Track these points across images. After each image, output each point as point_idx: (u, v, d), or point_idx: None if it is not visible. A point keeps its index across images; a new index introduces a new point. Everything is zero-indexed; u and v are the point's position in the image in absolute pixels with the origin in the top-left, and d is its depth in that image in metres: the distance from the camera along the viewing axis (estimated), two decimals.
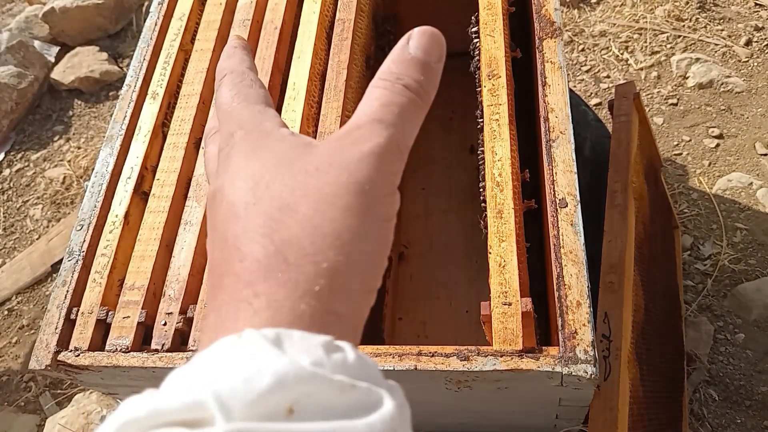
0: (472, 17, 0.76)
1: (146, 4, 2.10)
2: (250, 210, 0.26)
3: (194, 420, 0.20)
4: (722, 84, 1.52)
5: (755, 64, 1.55)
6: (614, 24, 1.69)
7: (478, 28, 0.74)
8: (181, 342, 0.65)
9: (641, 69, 1.59)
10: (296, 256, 0.25)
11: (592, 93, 1.59)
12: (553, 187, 0.62)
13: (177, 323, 0.65)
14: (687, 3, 1.67)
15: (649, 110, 1.52)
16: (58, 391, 1.37)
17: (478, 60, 0.72)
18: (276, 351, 0.21)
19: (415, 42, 0.29)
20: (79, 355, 0.65)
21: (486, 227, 0.61)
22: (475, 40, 0.73)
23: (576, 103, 1.13)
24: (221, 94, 0.32)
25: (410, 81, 0.28)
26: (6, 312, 1.55)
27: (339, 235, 0.25)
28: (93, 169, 0.78)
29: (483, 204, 0.64)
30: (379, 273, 0.27)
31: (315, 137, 0.72)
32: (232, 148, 0.29)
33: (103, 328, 0.67)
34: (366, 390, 0.21)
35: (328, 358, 0.21)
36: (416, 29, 0.29)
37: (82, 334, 0.66)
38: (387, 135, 0.27)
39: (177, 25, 0.87)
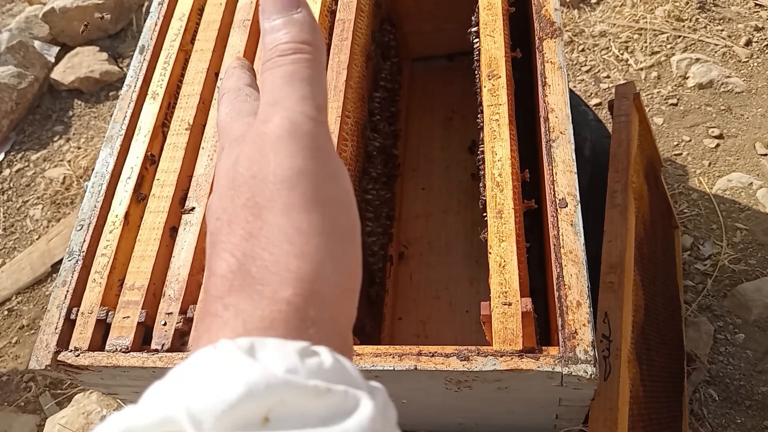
0: (472, 17, 0.76)
1: (146, 4, 2.10)
2: (216, 225, 0.27)
3: None
4: (722, 84, 1.52)
5: (755, 64, 1.55)
6: (614, 24, 1.69)
7: (478, 29, 0.74)
8: (180, 342, 0.65)
9: (641, 69, 1.59)
10: (257, 267, 0.24)
11: (592, 93, 1.59)
12: (553, 187, 0.62)
13: (177, 323, 0.65)
14: (687, 3, 1.67)
15: (649, 110, 1.51)
16: (58, 391, 1.37)
17: (478, 60, 0.72)
18: (248, 360, 0.21)
19: (267, 10, 0.28)
20: (79, 355, 0.65)
21: (486, 240, 0.61)
22: (475, 41, 0.73)
23: (576, 103, 1.13)
24: (219, 113, 0.33)
25: (282, 46, 0.27)
26: (6, 312, 1.55)
27: (291, 240, 0.24)
28: (93, 169, 0.78)
29: (483, 204, 0.64)
30: (352, 268, 0.26)
31: None
32: (220, 161, 0.30)
33: (103, 328, 0.67)
34: (343, 393, 0.21)
35: (302, 363, 0.21)
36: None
37: (82, 334, 0.66)
38: (283, 114, 0.26)
39: (177, 26, 0.87)
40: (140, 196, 0.75)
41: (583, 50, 1.67)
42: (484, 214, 0.63)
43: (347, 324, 0.26)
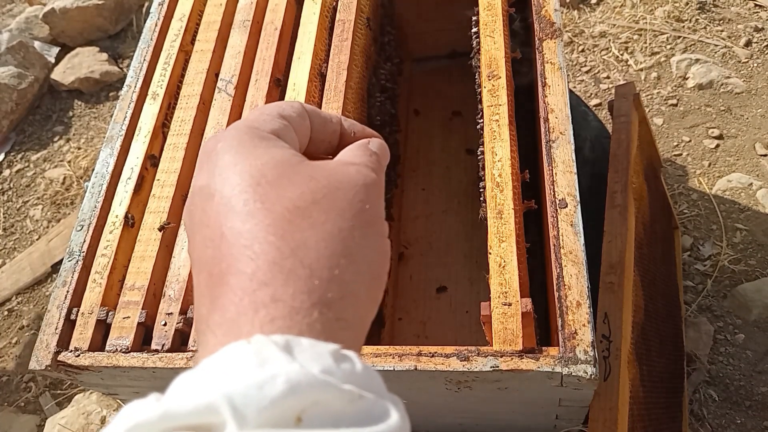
0: (472, 18, 0.76)
1: (146, 4, 2.10)
2: (253, 206, 0.26)
3: (205, 425, 0.19)
4: (722, 85, 1.52)
5: (755, 64, 1.55)
6: (614, 25, 1.69)
7: (478, 29, 0.74)
8: (181, 342, 0.65)
9: (641, 70, 1.59)
10: (311, 260, 0.25)
11: (592, 94, 1.59)
12: (553, 188, 0.62)
13: (177, 323, 0.65)
14: (687, 4, 1.68)
15: (648, 111, 1.52)
16: (58, 392, 1.37)
17: (478, 61, 0.72)
18: (287, 358, 0.21)
19: (374, 145, 0.34)
20: (79, 355, 0.65)
21: (485, 218, 0.61)
22: (475, 41, 0.73)
23: (576, 103, 1.13)
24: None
25: (377, 159, 0.32)
26: (6, 312, 1.55)
27: (348, 244, 0.26)
28: (93, 169, 0.78)
29: (483, 204, 0.64)
30: (382, 284, 0.28)
31: None
32: (219, 142, 0.29)
33: (103, 329, 0.67)
34: (372, 401, 0.21)
35: (337, 366, 0.21)
36: (374, 139, 0.35)
37: (82, 335, 0.66)
38: (376, 177, 0.30)
39: (177, 26, 0.88)
40: (130, 221, 0.73)
41: (582, 51, 1.67)
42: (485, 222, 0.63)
43: (365, 333, 0.27)
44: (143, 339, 0.66)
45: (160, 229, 0.71)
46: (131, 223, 0.72)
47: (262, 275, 0.24)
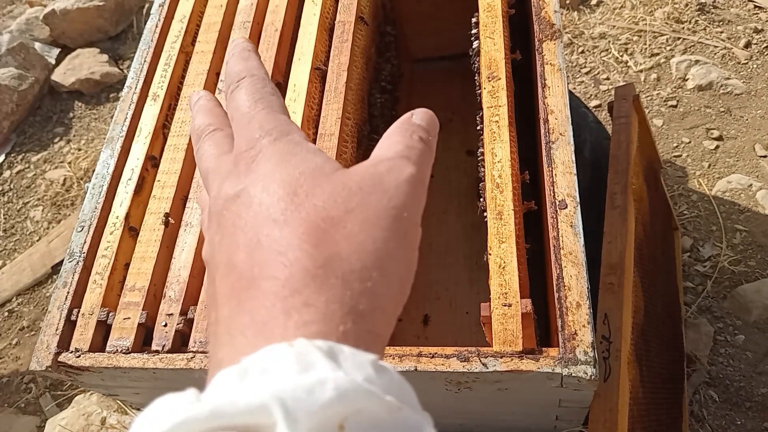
0: (472, 19, 0.76)
1: (147, 6, 2.11)
2: (290, 216, 0.26)
3: (254, 425, 0.19)
4: (722, 86, 1.52)
5: (754, 66, 1.55)
6: (614, 26, 1.69)
7: (478, 30, 0.74)
8: (181, 343, 0.65)
9: (641, 71, 1.60)
10: (344, 271, 0.25)
11: (591, 95, 1.60)
12: (553, 189, 0.62)
13: (177, 324, 0.65)
14: (686, 5, 1.68)
15: (648, 112, 1.52)
16: (59, 393, 1.37)
17: (478, 62, 0.72)
18: (332, 364, 0.21)
19: (419, 116, 0.33)
20: (79, 356, 0.65)
21: (484, 206, 0.61)
22: (475, 42, 0.74)
23: (576, 104, 1.13)
24: (240, 97, 0.32)
25: (421, 135, 0.31)
26: (6, 313, 1.55)
27: (381, 256, 0.26)
28: (93, 170, 0.78)
29: (481, 199, 0.64)
30: (404, 299, 0.27)
31: (315, 139, 0.72)
32: (258, 152, 0.29)
33: (103, 330, 0.67)
34: (409, 413, 0.21)
35: (378, 377, 0.21)
36: (418, 109, 0.33)
37: (83, 336, 0.66)
38: (415, 169, 0.29)
39: (178, 27, 0.88)
40: (132, 232, 0.73)
41: (582, 52, 1.67)
42: (485, 215, 0.63)
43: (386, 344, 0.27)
44: (144, 340, 0.66)
45: (165, 216, 0.71)
46: (135, 233, 0.73)
47: (295, 282, 0.24)
